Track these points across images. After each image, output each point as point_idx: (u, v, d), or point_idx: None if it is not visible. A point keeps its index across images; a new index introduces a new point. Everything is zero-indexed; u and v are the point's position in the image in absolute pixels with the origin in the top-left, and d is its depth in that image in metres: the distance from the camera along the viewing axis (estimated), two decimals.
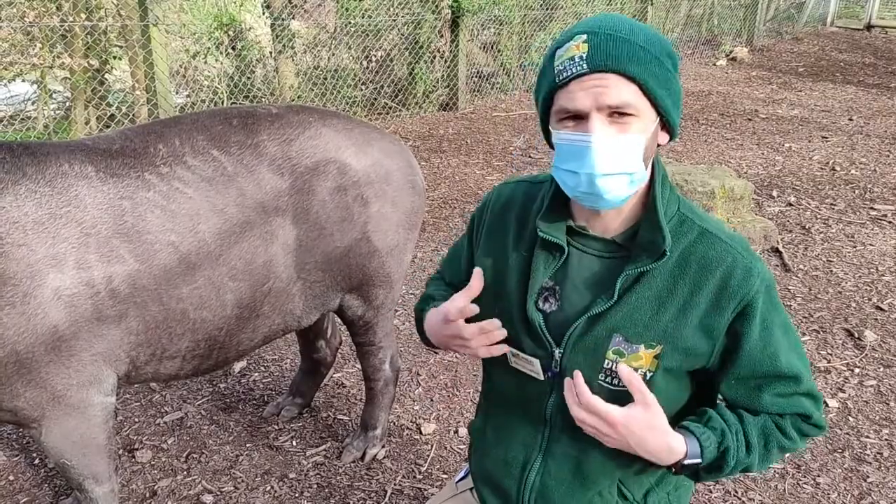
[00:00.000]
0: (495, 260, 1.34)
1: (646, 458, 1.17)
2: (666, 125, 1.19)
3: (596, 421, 1.15)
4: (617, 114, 1.11)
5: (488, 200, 1.41)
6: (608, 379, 1.22)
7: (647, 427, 1.14)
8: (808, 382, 1.24)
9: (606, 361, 1.21)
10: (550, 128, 1.20)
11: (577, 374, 1.16)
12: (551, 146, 1.26)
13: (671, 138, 1.22)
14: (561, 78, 1.12)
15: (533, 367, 1.26)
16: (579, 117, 1.13)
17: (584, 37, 1.11)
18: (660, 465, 1.19)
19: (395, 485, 2.43)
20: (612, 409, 1.13)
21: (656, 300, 1.20)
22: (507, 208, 1.37)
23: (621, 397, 1.21)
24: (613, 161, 1.12)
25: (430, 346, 1.45)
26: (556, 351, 1.24)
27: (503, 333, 1.25)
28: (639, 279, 1.20)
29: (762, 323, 1.20)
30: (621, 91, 1.10)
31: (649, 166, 1.20)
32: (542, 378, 1.27)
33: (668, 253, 1.18)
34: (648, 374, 1.22)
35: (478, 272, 1.25)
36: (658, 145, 1.21)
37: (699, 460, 1.18)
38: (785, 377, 1.22)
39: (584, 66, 1.10)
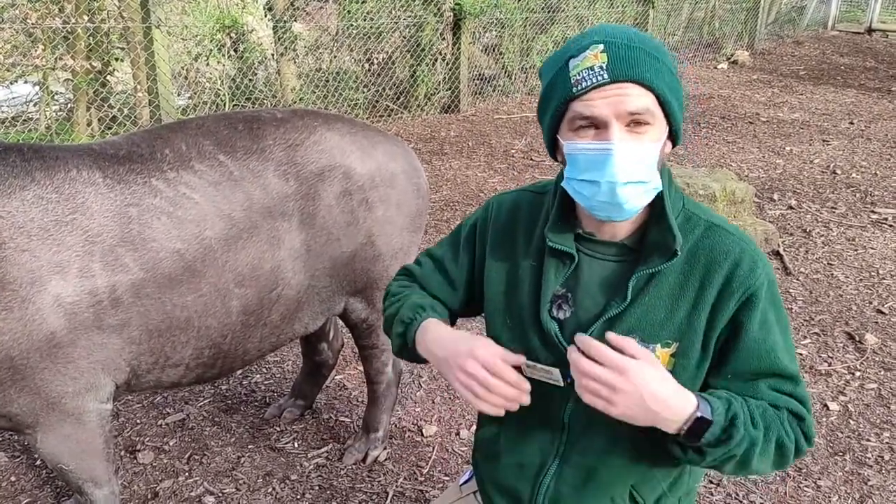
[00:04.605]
0: (506, 271, 1.34)
1: (658, 417, 1.09)
2: (670, 133, 1.20)
3: (608, 374, 1.07)
4: (634, 122, 1.12)
5: (489, 211, 1.40)
6: None
7: (660, 375, 1.09)
8: (804, 390, 1.22)
9: None
10: (561, 138, 1.19)
11: (581, 335, 1.13)
12: (553, 157, 1.25)
13: (674, 145, 1.23)
14: (580, 88, 1.12)
15: (552, 375, 1.25)
16: (597, 126, 1.13)
17: (602, 46, 1.11)
18: (667, 430, 1.12)
19: (396, 487, 2.43)
20: (625, 357, 1.08)
21: (669, 298, 1.20)
22: (512, 218, 1.36)
23: None
24: (633, 169, 1.12)
25: (412, 359, 1.36)
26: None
27: (526, 400, 1.20)
28: (650, 279, 1.21)
29: (763, 315, 1.19)
30: (641, 99, 1.11)
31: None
32: (562, 384, 1.26)
33: (679, 252, 1.19)
34: None
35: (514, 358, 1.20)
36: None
37: (711, 419, 1.10)
38: (783, 376, 1.20)
39: (605, 75, 1.10)
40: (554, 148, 1.24)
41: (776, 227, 4.49)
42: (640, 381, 1.07)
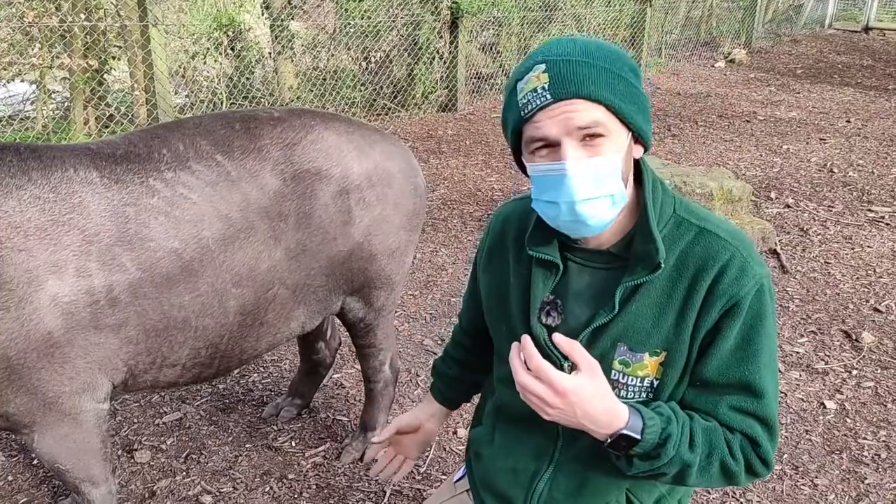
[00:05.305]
0: (498, 281, 1.35)
1: (586, 427, 1.13)
2: (638, 139, 1.17)
3: (543, 389, 1.09)
4: (588, 136, 1.11)
5: (489, 225, 1.43)
6: (616, 391, 1.20)
7: (595, 395, 1.10)
8: (770, 408, 1.18)
9: (613, 372, 1.21)
10: (524, 160, 1.20)
11: (526, 338, 1.12)
12: (526, 174, 1.24)
13: (645, 150, 1.20)
14: (526, 111, 1.12)
15: None
16: (551, 145, 1.13)
17: (543, 66, 1.10)
18: (596, 437, 1.14)
19: (393, 485, 2.43)
20: (562, 377, 1.09)
21: (656, 307, 1.18)
22: (505, 228, 1.37)
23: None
24: (591, 185, 1.11)
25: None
26: (566, 364, 1.22)
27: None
28: (637, 289, 1.19)
29: (746, 326, 1.16)
30: (589, 113, 1.10)
31: (629, 184, 1.19)
32: None
33: (663, 265, 1.17)
34: (655, 382, 1.20)
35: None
36: (636, 159, 1.21)
37: (638, 437, 1.11)
38: (749, 389, 1.16)
39: (548, 96, 1.09)
40: (523, 168, 1.24)
41: (773, 225, 4.50)
42: (574, 400, 1.09)
